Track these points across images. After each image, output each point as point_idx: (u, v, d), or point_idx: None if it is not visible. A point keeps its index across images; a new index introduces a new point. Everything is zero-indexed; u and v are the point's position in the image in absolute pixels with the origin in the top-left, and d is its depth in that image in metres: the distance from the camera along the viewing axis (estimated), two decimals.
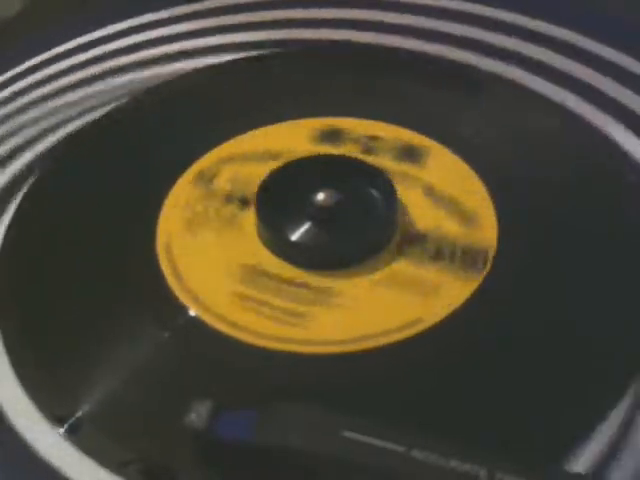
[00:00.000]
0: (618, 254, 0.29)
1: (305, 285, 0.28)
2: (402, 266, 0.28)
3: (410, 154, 0.32)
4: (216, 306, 0.28)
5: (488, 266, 0.28)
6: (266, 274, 0.28)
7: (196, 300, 0.28)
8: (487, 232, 0.29)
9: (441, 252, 0.29)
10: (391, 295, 0.28)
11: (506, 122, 0.34)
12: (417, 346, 0.26)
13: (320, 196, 0.29)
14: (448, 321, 0.27)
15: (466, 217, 0.30)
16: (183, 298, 0.28)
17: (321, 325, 0.27)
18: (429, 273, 0.28)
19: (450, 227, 0.29)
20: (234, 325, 0.27)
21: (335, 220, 0.29)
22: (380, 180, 0.30)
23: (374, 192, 0.29)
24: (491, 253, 0.28)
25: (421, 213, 0.30)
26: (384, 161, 0.31)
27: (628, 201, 0.30)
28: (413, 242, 0.29)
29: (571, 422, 0.25)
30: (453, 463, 0.22)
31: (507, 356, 0.27)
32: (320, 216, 0.29)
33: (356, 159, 0.31)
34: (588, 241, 0.29)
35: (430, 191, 0.30)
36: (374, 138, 0.32)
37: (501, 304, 0.27)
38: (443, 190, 0.30)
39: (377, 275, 0.28)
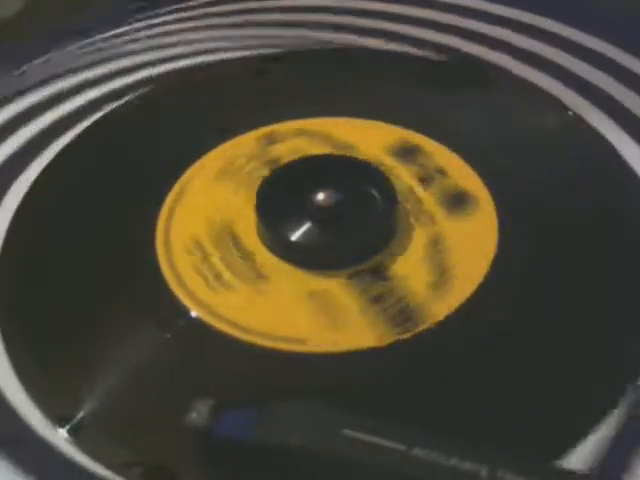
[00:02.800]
0: (619, 253, 0.29)
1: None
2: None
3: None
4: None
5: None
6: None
7: (197, 301, 0.28)
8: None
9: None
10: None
11: (503, 118, 0.34)
12: (418, 345, 0.26)
13: (320, 196, 0.29)
14: (449, 319, 0.27)
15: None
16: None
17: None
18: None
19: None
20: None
21: (335, 220, 0.29)
22: (380, 179, 0.30)
23: (374, 191, 0.30)
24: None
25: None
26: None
27: (628, 200, 0.30)
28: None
29: (572, 421, 0.25)
30: (454, 461, 0.22)
31: (508, 355, 0.27)
32: (320, 216, 0.29)
33: (356, 159, 0.31)
34: (588, 240, 0.29)
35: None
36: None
37: (502, 303, 0.27)
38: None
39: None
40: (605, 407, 0.25)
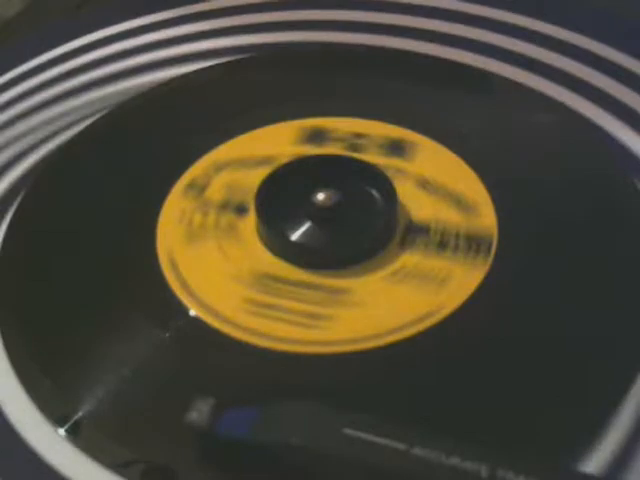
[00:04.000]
0: (619, 253, 0.29)
1: (309, 285, 0.28)
2: (407, 261, 0.28)
3: (397, 149, 0.32)
4: (219, 308, 0.28)
5: (492, 255, 0.28)
6: (269, 277, 0.28)
7: (196, 301, 0.28)
8: (486, 219, 0.29)
9: (444, 242, 0.29)
10: (396, 291, 0.28)
11: (491, 113, 0.34)
12: (418, 345, 0.26)
13: (320, 196, 0.29)
14: (449, 319, 0.27)
15: (463, 206, 0.30)
16: (184, 299, 0.28)
17: (326, 325, 0.27)
18: (434, 265, 0.28)
19: (449, 217, 0.29)
20: (234, 325, 0.27)
21: (335, 220, 0.29)
22: (380, 179, 0.30)
23: (374, 191, 0.30)
24: (494, 239, 0.29)
25: (418, 205, 0.30)
26: (372, 157, 0.31)
27: (629, 200, 0.30)
28: (415, 236, 0.29)
29: (573, 420, 0.25)
30: (454, 461, 0.22)
31: (508, 354, 0.27)
32: (320, 216, 0.29)
33: (356, 159, 0.31)
34: (588, 240, 0.29)
35: (423, 183, 0.30)
36: (359, 136, 0.32)
37: (501, 304, 0.27)
38: (436, 181, 0.31)
39: (381, 272, 0.28)
40: (605, 407, 0.25)
